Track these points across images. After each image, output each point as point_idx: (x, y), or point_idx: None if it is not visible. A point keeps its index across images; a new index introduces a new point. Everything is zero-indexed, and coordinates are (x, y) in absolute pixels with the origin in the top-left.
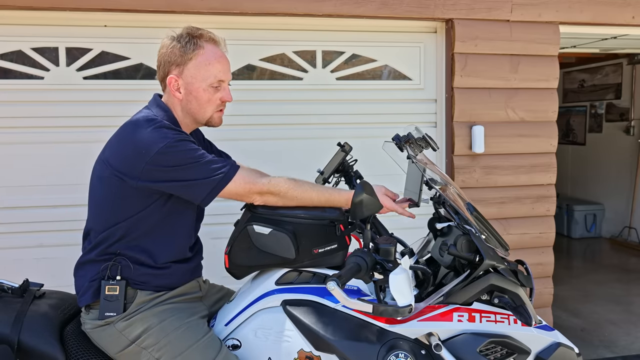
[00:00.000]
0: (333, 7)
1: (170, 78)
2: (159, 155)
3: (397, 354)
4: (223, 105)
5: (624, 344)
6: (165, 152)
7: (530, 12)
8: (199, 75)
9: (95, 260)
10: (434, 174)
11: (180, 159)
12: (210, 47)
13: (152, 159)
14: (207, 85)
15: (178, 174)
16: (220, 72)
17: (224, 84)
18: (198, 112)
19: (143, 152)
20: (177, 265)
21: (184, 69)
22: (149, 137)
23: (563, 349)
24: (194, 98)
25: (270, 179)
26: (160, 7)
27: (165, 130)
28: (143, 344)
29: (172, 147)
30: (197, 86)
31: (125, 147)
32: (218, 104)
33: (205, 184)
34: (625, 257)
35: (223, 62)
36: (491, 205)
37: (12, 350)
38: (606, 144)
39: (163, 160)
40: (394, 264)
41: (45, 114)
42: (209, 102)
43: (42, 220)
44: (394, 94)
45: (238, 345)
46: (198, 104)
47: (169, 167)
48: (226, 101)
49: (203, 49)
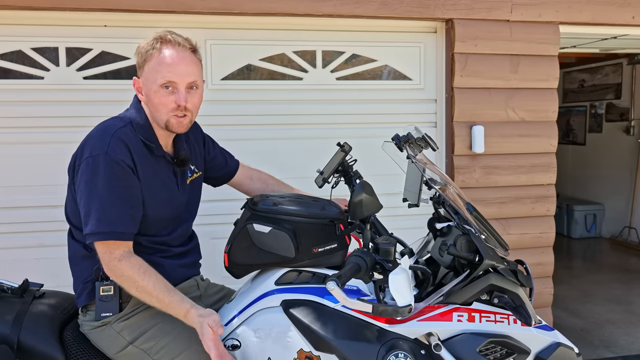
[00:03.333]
0: (333, 7)
1: (134, 80)
2: (86, 162)
3: (397, 354)
4: (179, 110)
5: (624, 344)
6: (91, 162)
7: (530, 12)
8: (151, 77)
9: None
10: (434, 174)
11: (96, 181)
12: (168, 50)
13: (83, 161)
14: (157, 87)
15: (83, 193)
16: (169, 73)
17: (179, 87)
18: (155, 114)
19: (82, 151)
20: (170, 260)
21: (143, 71)
22: (93, 139)
23: (563, 349)
24: (150, 100)
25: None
26: (160, 7)
27: (109, 140)
28: (142, 346)
29: (98, 162)
30: (149, 87)
31: (80, 144)
32: (173, 107)
33: (94, 223)
34: (625, 257)
35: (176, 64)
36: (491, 205)
37: (12, 350)
38: (606, 144)
39: (87, 169)
40: (393, 264)
41: (45, 114)
42: (161, 105)
43: (42, 220)
44: (394, 94)
45: (238, 345)
46: (153, 107)
47: (87, 181)
48: (180, 104)
49: (159, 51)
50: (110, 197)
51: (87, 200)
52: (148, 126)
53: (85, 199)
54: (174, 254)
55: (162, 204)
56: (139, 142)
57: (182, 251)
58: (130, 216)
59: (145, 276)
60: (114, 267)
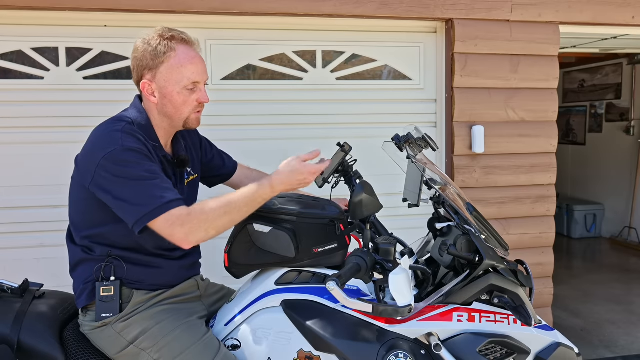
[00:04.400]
0: (333, 7)
1: (144, 83)
2: (105, 160)
3: (397, 354)
4: (201, 107)
5: (624, 344)
6: (110, 158)
7: (530, 12)
8: (172, 78)
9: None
10: (434, 174)
11: (121, 171)
12: (182, 48)
13: (100, 162)
14: (182, 88)
15: (116, 188)
16: (193, 74)
17: (200, 85)
18: (174, 114)
19: (95, 154)
20: (170, 262)
21: (157, 73)
22: (101, 139)
23: (563, 349)
24: (169, 102)
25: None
26: (160, 7)
27: (120, 135)
28: (141, 346)
29: (118, 155)
30: (170, 90)
31: (84, 147)
32: (195, 105)
33: (134, 210)
34: (625, 257)
35: (196, 63)
36: (491, 205)
37: (12, 350)
38: (606, 144)
39: (109, 166)
40: (393, 264)
41: (45, 114)
42: (184, 105)
43: (42, 220)
44: (394, 94)
45: (238, 346)
46: (174, 107)
47: (114, 176)
48: (203, 102)
49: (175, 51)
50: (145, 177)
51: (123, 190)
52: (149, 127)
53: (120, 191)
54: (174, 257)
55: None
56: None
57: (182, 254)
58: (167, 185)
59: (216, 199)
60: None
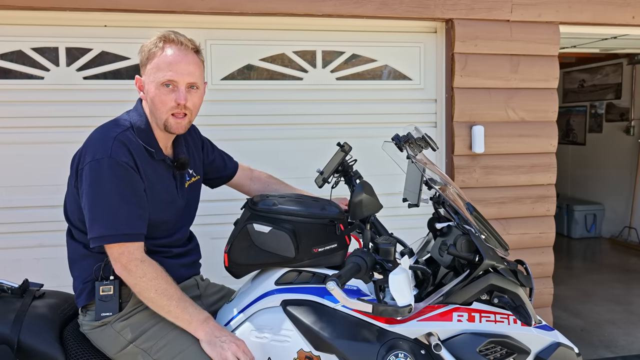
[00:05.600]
0: (333, 7)
1: (136, 78)
2: (89, 166)
3: (397, 354)
4: (178, 109)
5: (624, 344)
6: (94, 166)
7: (530, 12)
8: (153, 75)
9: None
10: (434, 174)
11: (98, 184)
12: (171, 49)
13: (85, 166)
14: (158, 84)
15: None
16: (170, 72)
17: (179, 86)
18: (155, 113)
19: (83, 157)
20: (170, 260)
21: (145, 70)
22: (94, 144)
23: (563, 349)
24: (150, 99)
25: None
26: (160, 7)
27: (112, 143)
28: (142, 345)
29: (101, 166)
30: (150, 86)
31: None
32: (172, 105)
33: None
34: (625, 257)
35: (178, 62)
36: (491, 205)
37: (12, 350)
38: (606, 144)
39: (90, 174)
40: (393, 264)
41: (45, 114)
42: (161, 103)
43: (42, 220)
44: (394, 94)
45: None
46: (153, 105)
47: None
48: (180, 103)
49: (163, 50)
50: (118, 198)
51: (93, 204)
52: (149, 130)
53: (90, 202)
54: (173, 254)
55: (163, 207)
56: (140, 146)
57: (182, 251)
58: (139, 216)
59: (168, 279)
60: (135, 267)
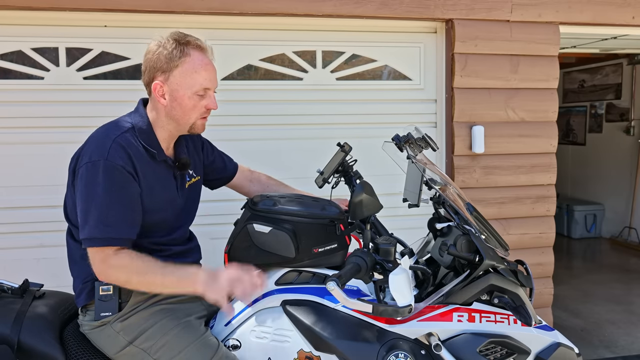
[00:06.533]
0: (333, 7)
1: (156, 84)
2: (85, 167)
3: (397, 354)
4: (207, 113)
5: (624, 344)
6: (90, 167)
7: (530, 12)
8: (184, 82)
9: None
10: (434, 174)
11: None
12: (196, 54)
13: (81, 166)
14: (192, 93)
15: (82, 196)
16: (206, 80)
17: (210, 92)
18: (182, 118)
19: (82, 156)
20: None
21: (170, 76)
22: (93, 145)
23: (563, 349)
24: (178, 105)
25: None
26: (160, 8)
27: (110, 145)
28: (141, 345)
29: (97, 168)
30: (182, 93)
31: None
32: (203, 111)
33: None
34: (625, 257)
35: (209, 70)
36: (491, 205)
37: (12, 350)
38: (606, 144)
39: (86, 174)
40: (393, 264)
41: (45, 114)
42: (193, 110)
43: (42, 220)
44: (394, 94)
45: (238, 346)
46: (182, 111)
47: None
48: (211, 109)
49: (190, 56)
50: (109, 202)
51: (85, 205)
52: (150, 132)
53: (83, 203)
54: (173, 253)
55: (163, 208)
56: (139, 148)
57: (182, 250)
58: (129, 220)
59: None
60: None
